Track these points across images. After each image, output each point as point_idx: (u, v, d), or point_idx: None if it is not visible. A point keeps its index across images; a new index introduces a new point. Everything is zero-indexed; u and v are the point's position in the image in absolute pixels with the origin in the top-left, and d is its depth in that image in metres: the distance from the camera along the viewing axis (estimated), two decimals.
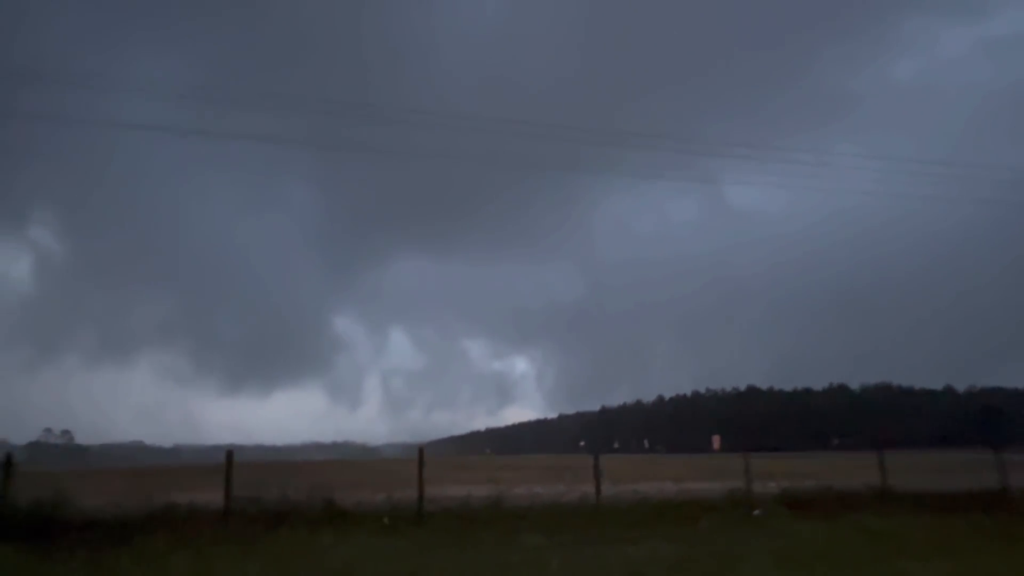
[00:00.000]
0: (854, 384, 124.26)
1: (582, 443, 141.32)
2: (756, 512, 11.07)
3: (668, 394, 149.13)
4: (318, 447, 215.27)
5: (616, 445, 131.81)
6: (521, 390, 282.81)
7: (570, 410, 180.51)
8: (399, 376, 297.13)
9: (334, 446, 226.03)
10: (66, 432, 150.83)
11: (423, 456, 11.07)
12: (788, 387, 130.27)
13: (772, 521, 10.58)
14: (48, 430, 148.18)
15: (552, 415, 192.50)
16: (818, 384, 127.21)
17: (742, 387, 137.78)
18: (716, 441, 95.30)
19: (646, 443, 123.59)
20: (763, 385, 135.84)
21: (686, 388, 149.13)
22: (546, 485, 15.61)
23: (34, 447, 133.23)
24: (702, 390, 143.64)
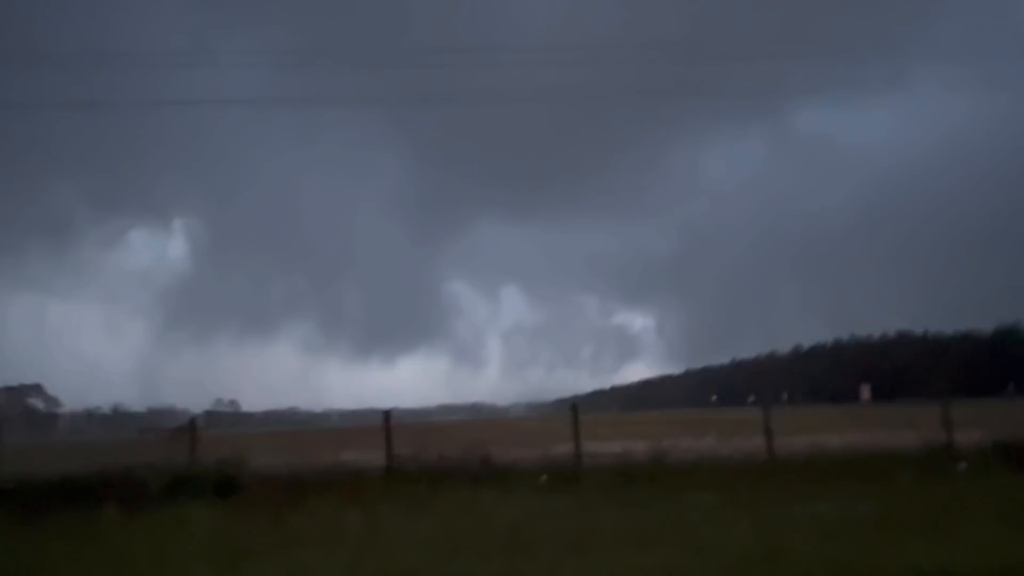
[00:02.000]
0: None
1: (714, 398, 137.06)
2: (961, 465, 9.62)
3: (806, 343, 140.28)
4: (452, 409, 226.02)
5: (751, 399, 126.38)
6: (643, 346, 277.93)
7: (697, 364, 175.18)
8: (517, 337, 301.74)
9: (465, 407, 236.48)
10: (233, 401, 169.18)
11: (577, 413, 10.68)
12: (947, 330, 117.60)
13: (983, 476, 9.14)
14: (219, 399, 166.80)
15: (678, 370, 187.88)
16: (982, 326, 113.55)
17: (891, 332, 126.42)
18: (866, 391, 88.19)
19: (785, 396, 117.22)
20: (916, 329, 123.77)
21: (824, 336, 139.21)
22: (697, 440, 14.80)
23: (209, 415, 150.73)
24: (844, 337, 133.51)
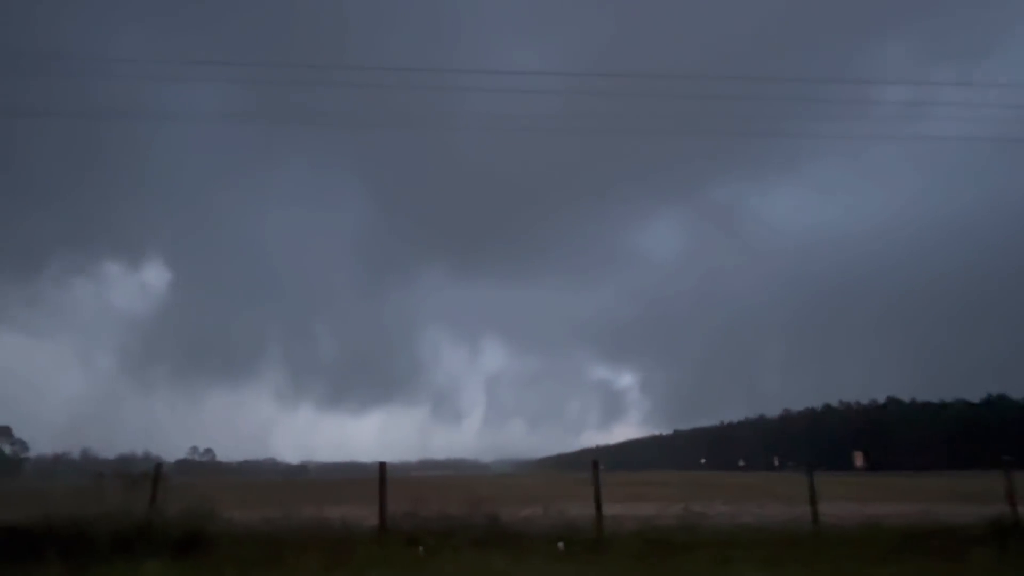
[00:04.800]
0: (1016, 394, 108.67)
1: (703, 460, 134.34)
2: None
3: (794, 407, 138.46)
4: (433, 464, 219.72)
5: (741, 463, 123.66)
6: (630, 407, 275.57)
7: (685, 426, 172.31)
8: (497, 394, 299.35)
9: (447, 462, 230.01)
10: (208, 450, 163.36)
11: (598, 469, 9.46)
12: (933, 398, 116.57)
13: None
14: (194, 448, 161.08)
15: (667, 431, 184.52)
16: (972, 395, 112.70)
17: (880, 399, 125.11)
18: (859, 458, 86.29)
19: (775, 460, 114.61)
20: (904, 396, 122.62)
21: (811, 401, 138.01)
22: (710, 505, 13.47)
23: (183, 464, 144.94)
24: (833, 403, 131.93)
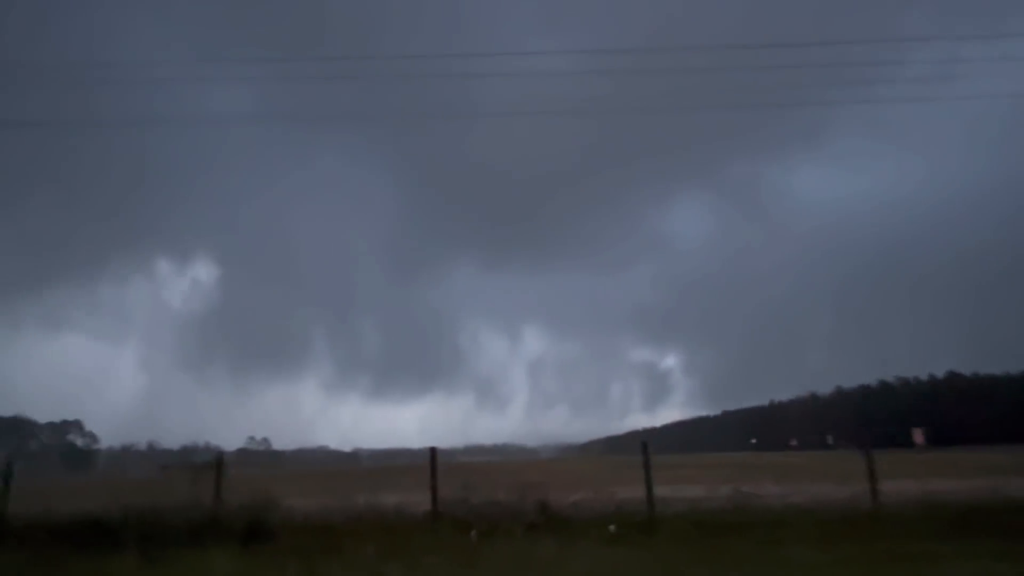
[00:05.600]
0: None
1: (753, 440, 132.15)
2: None
3: (846, 384, 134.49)
4: (479, 449, 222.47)
5: (793, 443, 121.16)
6: (675, 389, 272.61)
7: (732, 406, 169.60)
8: (543, 381, 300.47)
9: (493, 448, 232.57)
10: (264, 440, 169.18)
11: (647, 450, 9.47)
12: (996, 371, 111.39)
13: None
14: (251, 438, 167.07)
15: (714, 412, 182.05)
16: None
17: (939, 374, 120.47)
18: (918, 435, 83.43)
19: (829, 439, 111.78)
20: (964, 370, 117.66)
21: (864, 378, 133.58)
22: (760, 486, 13.29)
23: (241, 453, 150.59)
24: (889, 379, 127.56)
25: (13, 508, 10.14)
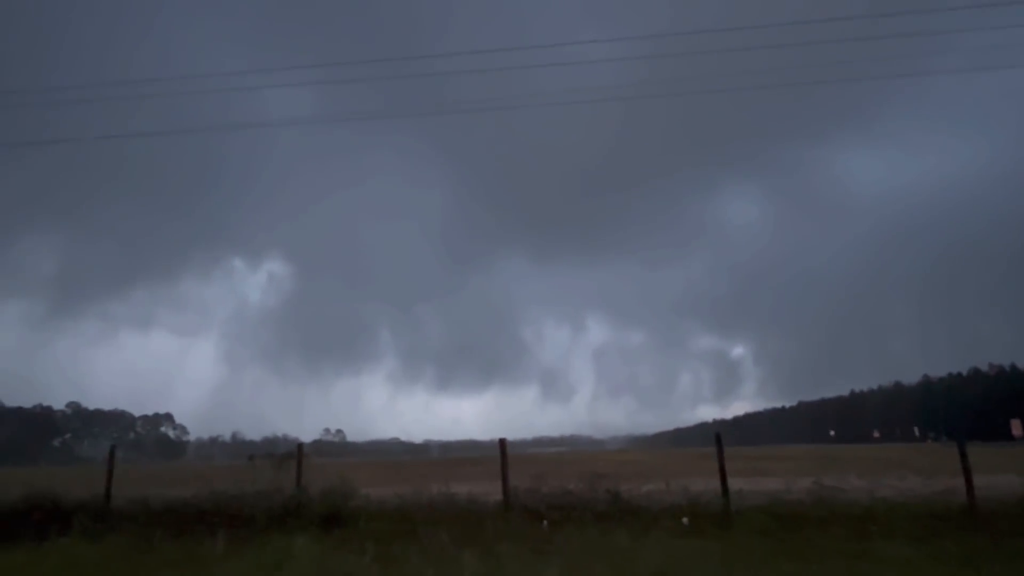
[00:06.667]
0: None
1: (832, 432, 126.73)
2: None
3: (934, 373, 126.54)
4: (548, 441, 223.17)
5: (876, 434, 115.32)
6: (745, 379, 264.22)
7: (808, 397, 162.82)
8: (609, 372, 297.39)
9: (561, 439, 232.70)
10: (339, 431, 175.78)
11: (721, 442, 9.23)
12: None
13: None
14: (327, 430, 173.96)
15: (789, 403, 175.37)
16: None
17: None
18: (1017, 426, 77.61)
19: (916, 431, 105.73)
20: None
21: (955, 366, 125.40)
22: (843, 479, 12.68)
23: (317, 444, 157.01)
24: (982, 367, 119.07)
25: (115, 493, 10.92)
